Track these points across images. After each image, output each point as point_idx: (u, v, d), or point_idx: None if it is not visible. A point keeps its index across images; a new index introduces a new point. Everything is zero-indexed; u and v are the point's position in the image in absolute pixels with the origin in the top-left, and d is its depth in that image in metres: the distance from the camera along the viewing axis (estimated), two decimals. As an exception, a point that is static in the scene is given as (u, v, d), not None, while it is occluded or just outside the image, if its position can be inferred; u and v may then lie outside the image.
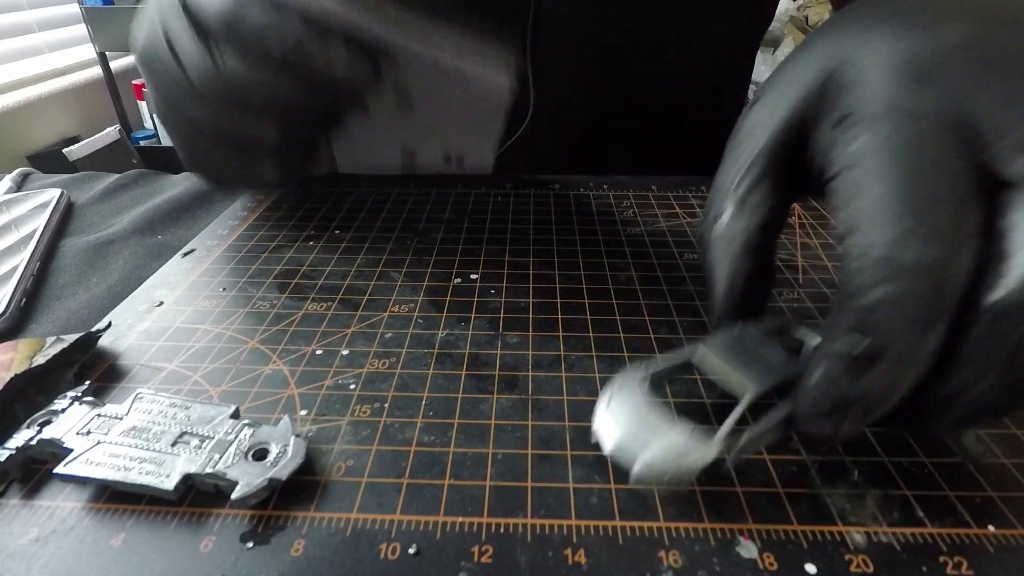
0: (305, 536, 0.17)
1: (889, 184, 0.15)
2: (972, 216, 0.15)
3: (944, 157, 0.15)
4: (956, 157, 0.15)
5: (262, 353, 0.25)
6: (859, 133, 0.16)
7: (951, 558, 0.17)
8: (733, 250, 0.20)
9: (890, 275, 0.15)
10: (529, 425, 0.21)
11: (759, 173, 0.20)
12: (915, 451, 0.20)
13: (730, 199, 0.20)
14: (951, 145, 0.15)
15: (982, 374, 0.15)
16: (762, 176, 0.20)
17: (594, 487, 0.19)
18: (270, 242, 0.34)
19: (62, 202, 0.39)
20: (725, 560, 0.17)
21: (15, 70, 1.34)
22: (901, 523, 0.17)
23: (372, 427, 0.21)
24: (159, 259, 0.33)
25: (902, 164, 0.15)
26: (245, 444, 0.19)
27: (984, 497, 0.18)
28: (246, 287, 0.30)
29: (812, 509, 0.18)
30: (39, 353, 0.22)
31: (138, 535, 0.17)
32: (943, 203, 0.15)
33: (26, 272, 0.31)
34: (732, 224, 0.20)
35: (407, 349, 0.25)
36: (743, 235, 0.20)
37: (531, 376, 0.23)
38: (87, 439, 0.19)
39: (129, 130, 1.53)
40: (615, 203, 0.39)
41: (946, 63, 0.16)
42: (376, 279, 0.30)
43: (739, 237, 0.20)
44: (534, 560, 0.17)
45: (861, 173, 0.16)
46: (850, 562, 0.16)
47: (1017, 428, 0.21)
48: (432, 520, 0.18)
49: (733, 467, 0.19)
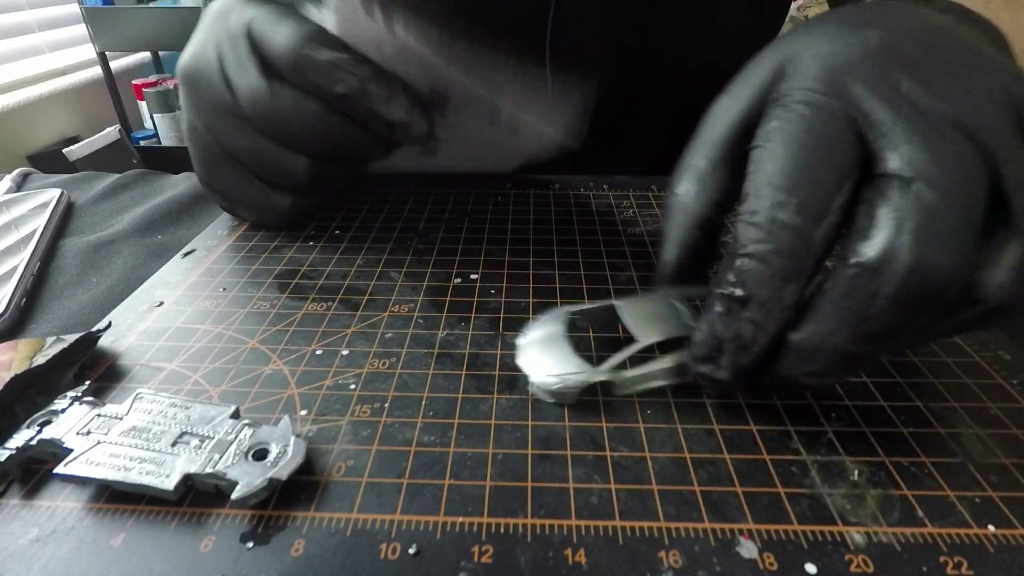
0: (305, 536, 0.17)
1: (782, 162, 0.18)
2: (843, 196, 0.18)
3: (833, 143, 0.18)
4: (844, 144, 0.18)
5: (262, 353, 0.25)
6: (775, 115, 0.19)
7: (951, 558, 0.17)
8: (687, 221, 0.22)
9: (763, 236, 0.18)
10: (529, 425, 0.21)
11: (717, 154, 0.22)
12: (915, 451, 0.20)
13: (690, 175, 0.22)
14: (842, 134, 0.18)
15: (838, 327, 0.18)
16: (720, 158, 0.22)
17: (594, 487, 0.19)
18: (270, 242, 0.34)
19: (62, 202, 0.39)
20: (725, 560, 0.17)
21: (15, 70, 1.33)
22: (901, 523, 0.18)
23: (372, 427, 0.21)
24: (159, 259, 0.33)
25: (796, 146, 0.18)
26: (245, 444, 0.19)
27: (984, 497, 0.18)
28: (246, 287, 0.30)
29: (812, 509, 0.18)
30: (39, 353, 0.22)
31: (138, 535, 0.17)
32: (820, 182, 0.18)
33: (26, 272, 0.31)
34: (690, 197, 0.22)
35: (407, 349, 0.25)
36: (699, 208, 0.22)
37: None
38: (87, 439, 0.19)
39: (129, 130, 1.53)
40: (615, 203, 0.39)
41: (860, 62, 0.19)
42: (376, 279, 0.30)
43: (694, 209, 0.22)
44: (534, 560, 0.17)
45: (766, 150, 0.19)
46: (850, 562, 0.16)
47: (1017, 428, 0.21)
48: (432, 520, 0.18)
49: (622, 395, 0.22)
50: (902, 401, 0.22)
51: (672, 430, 0.21)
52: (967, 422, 0.21)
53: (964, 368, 0.24)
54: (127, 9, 1.41)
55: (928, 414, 0.22)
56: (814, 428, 0.21)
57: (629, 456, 0.20)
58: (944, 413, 0.22)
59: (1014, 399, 0.22)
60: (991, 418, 0.21)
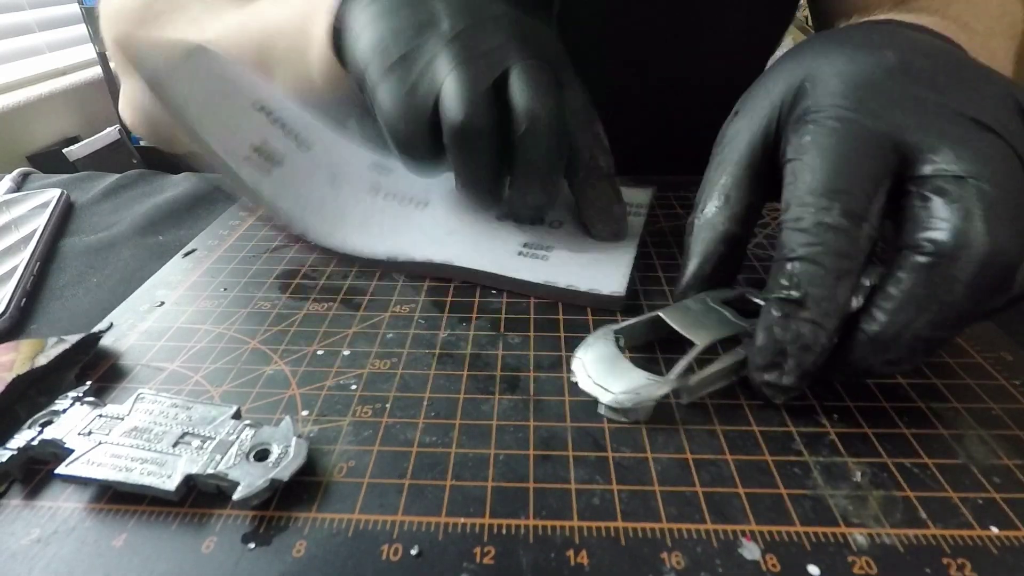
0: (307, 537, 0.17)
1: (821, 172, 0.20)
2: (879, 200, 0.20)
3: (867, 153, 0.20)
4: (876, 153, 0.20)
5: (263, 353, 0.25)
6: (807, 131, 0.21)
7: (954, 559, 0.16)
8: (713, 236, 0.24)
9: (811, 240, 0.19)
10: (531, 426, 0.21)
11: (740, 172, 0.24)
12: (918, 452, 0.20)
13: (716, 193, 0.24)
14: (874, 144, 0.20)
15: (918, 314, 0.19)
16: (742, 175, 0.23)
17: (596, 488, 0.19)
18: (271, 242, 0.34)
19: (62, 202, 0.39)
20: (728, 561, 0.16)
21: (15, 70, 1.33)
22: (904, 524, 0.17)
23: (374, 428, 0.21)
24: (160, 259, 0.33)
25: (833, 156, 0.20)
26: (247, 445, 0.19)
27: (987, 498, 0.18)
28: (247, 287, 0.30)
29: (815, 510, 0.18)
30: (41, 354, 0.22)
31: (139, 536, 0.17)
32: (859, 188, 0.20)
33: (26, 272, 0.31)
34: (716, 214, 0.24)
35: (408, 349, 0.25)
36: (724, 224, 0.23)
37: (532, 377, 0.23)
38: (88, 440, 0.19)
39: (129, 130, 1.53)
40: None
41: (883, 79, 0.21)
42: (377, 279, 0.30)
43: (720, 226, 0.24)
44: (536, 561, 0.16)
45: (803, 162, 0.21)
46: (853, 563, 0.16)
47: (1019, 429, 0.21)
48: (434, 521, 0.18)
49: (687, 402, 0.22)
50: (904, 402, 0.22)
51: (674, 431, 0.21)
52: (970, 423, 0.21)
53: (966, 369, 0.24)
54: (127, 9, 1.41)
55: (930, 415, 0.21)
56: (816, 429, 0.21)
57: (631, 457, 0.20)
58: (947, 414, 0.22)
59: (1017, 400, 0.22)
60: (994, 419, 0.21)
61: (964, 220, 0.18)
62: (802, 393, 0.22)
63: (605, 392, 0.21)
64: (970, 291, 0.18)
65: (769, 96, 0.24)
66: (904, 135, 0.20)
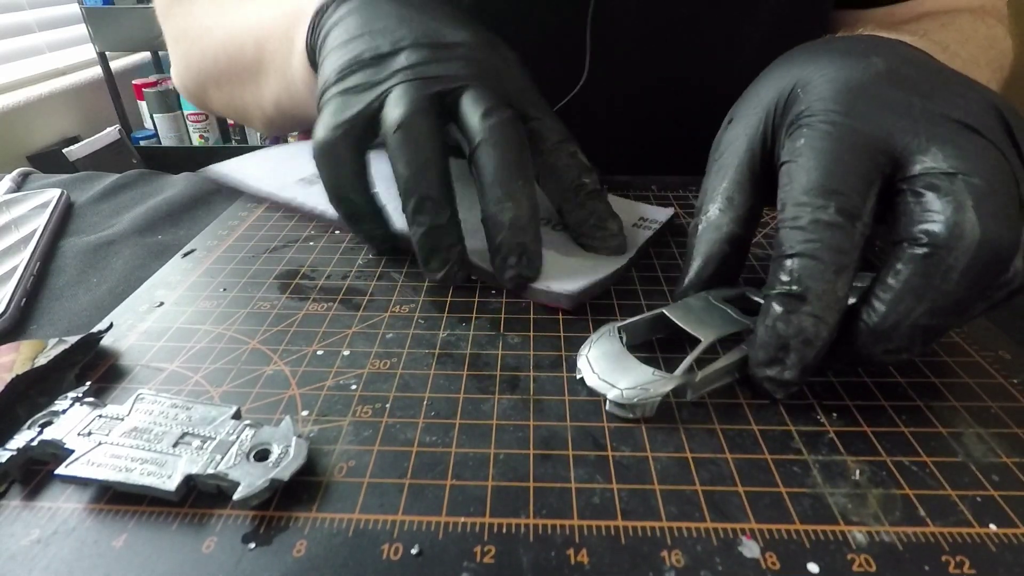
0: (307, 537, 0.17)
1: (816, 173, 0.21)
2: (872, 199, 0.20)
3: (859, 154, 0.21)
4: (867, 155, 0.21)
5: (263, 354, 0.25)
6: (801, 134, 0.22)
7: (953, 557, 0.17)
8: (718, 236, 0.24)
9: (809, 236, 0.20)
10: (531, 425, 0.21)
11: (741, 175, 0.24)
12: (917, 451, 0.20)
13: (719, 197, 0.24)
14: (865, 146, 0.21)
15: (916, 303, 0.19)
16: (743, 178, 0.24)
17: (596, 487, 0.19)
18: (271, 242, 0.34)
19: (62, 202, 0.38)
20: (727, 560, 0.16)
21: (15, 70, 1.33)
22: (903, 522, 0.18)
23: (374, 427, 0.21)
24: (159, 259, 0.33)
25: (827, 158, 0.21)
26: (247, 445, 0.19)
27: (985, 496, 0.18)
28: (247, 287, 0.30)
29: (814, 508, 0.18)
30: (41, 354, 0.22)
31: (140, 536, 0.17)
32: (852, 187, 0.20)
33: (26, 272, 0.31)
34: (720, 216, 0.24)
35: (408, 349, 0.25)
36: (728, 226, 0.24)
37: (532, 376, 0.23)
38: (88, 440, 0.19)
39: (129, 130, 1.53)
40: (616, 203, 0.38)
41: (872, 84, 0.22)
42: (377, 279, 0.30)
43: (725, 227, 0.24)
44: (536, 560, 0.17)
45: (798, 164, 0.22)
46: (852, 561, 0.16)
47: (1018, 427, 0.21)
48: (434, 520, 0.18)
49: (692, 399, 0.22)
50: (903, 401, 0.22)
51: (673, 430, 0.21)
52: (968, 421, 0.21)
53: (965, 368, 0.24)
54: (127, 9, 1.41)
55: (929, 414, 0.22)
56: (815, 428, 0.21)
57: (631, 456, 0.20)
58: (945, 412, 0.22)
59: (1015, 398, 0.22)
60: (992, 417, 0.21)
61: (957, 212, 0.19)
62: (801, 392, 0.22)
63: (612, 388, 0.21)
64: (965, 279, 0.19)
65: (762, 102, 0.24)
66: (894, 137, 0.21)
